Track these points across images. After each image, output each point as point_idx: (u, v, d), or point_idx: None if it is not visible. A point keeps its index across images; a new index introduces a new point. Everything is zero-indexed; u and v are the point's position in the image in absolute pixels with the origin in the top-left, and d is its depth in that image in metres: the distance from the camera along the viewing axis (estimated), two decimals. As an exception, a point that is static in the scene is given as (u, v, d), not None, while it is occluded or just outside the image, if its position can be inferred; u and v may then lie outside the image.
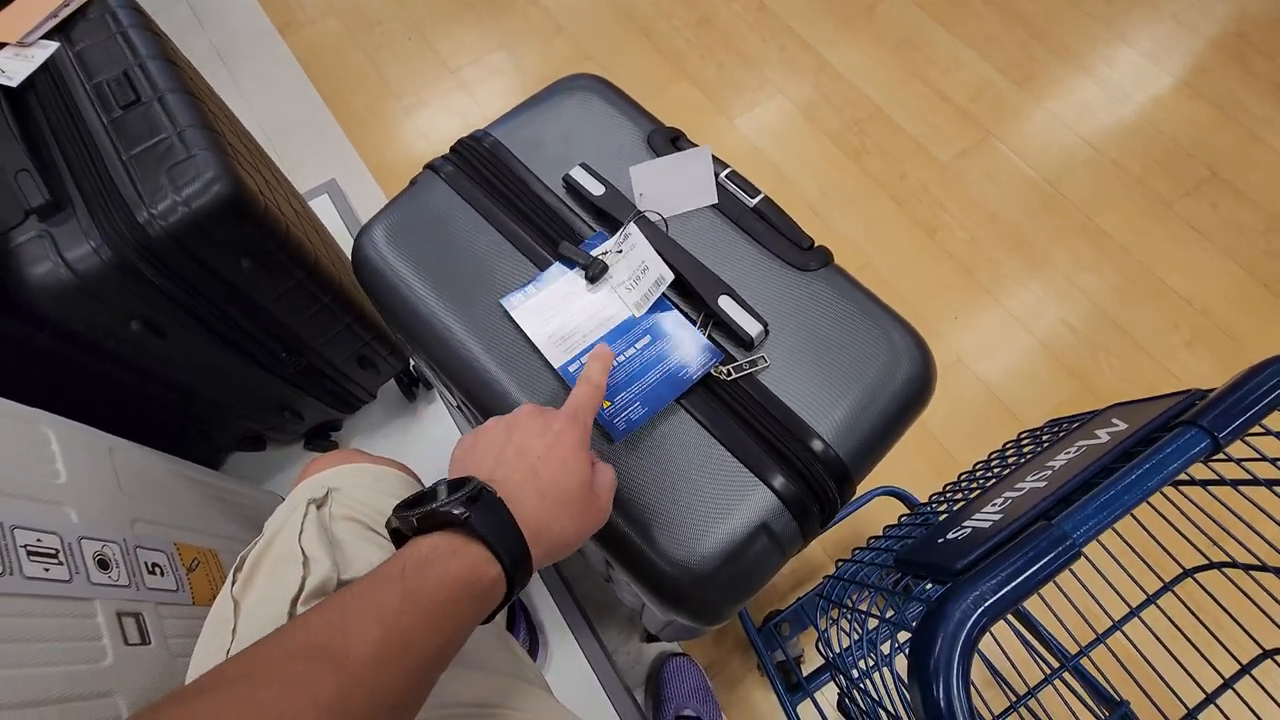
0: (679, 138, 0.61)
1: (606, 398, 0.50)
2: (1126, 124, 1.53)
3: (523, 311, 0.53)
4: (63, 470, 0.57)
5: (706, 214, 0.58)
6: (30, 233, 0.60)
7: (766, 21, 1.69)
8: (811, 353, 0.53)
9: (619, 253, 0.54)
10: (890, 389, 0.52)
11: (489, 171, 0.59)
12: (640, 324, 0.53)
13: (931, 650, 0.36)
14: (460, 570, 0.34)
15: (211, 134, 0.66)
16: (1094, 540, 0.36)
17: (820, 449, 0.50)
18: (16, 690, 0.42)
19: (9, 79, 0.65)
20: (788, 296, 0.54)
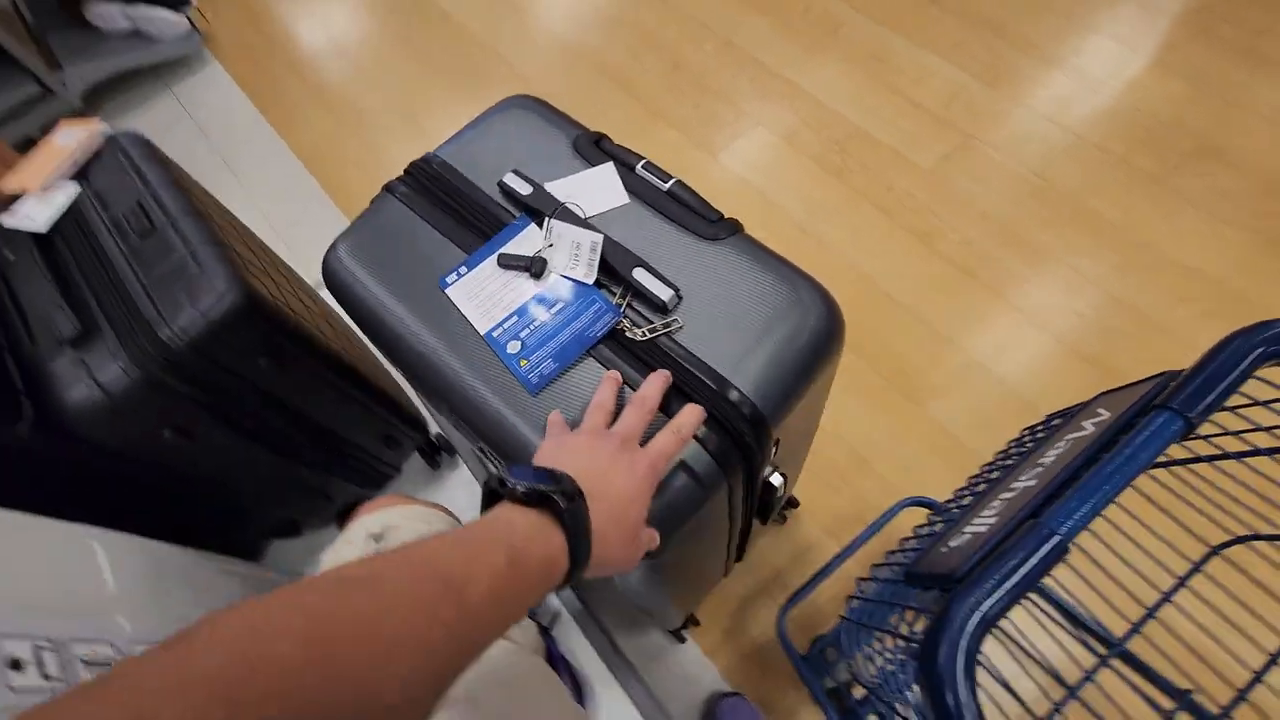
0: (601, 139, 0.68)
1: (523, 356, 0.56)
2: (1103, 108, 1.54)
3: (458, 289, 0.60)
4: (110, 580, 0.61)
5: (630, 204, 0.64)
6: (66, 362, 0.65)
7: (734, 56, 1.75)
8: (723, 312, 0.57)
9: (550, 246, 0.60)
10: (799, 341, 0.56)
11: (435, 187, 0.66)
12: (556, 293, 0.59)
13: (936, 659, 0.37)
14: (546, 554, 0.38)
15: (220, 248, 0.71)
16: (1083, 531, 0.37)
17: (736, 398, 0.54)
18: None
19: (36, 225, 0.71)
20: (699, 264, 0.59)
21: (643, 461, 0.46)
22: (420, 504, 0.66)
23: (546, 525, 0.39)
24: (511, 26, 1.95)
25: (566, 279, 0.59)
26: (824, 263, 1.42)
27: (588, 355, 0.57)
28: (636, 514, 0.45)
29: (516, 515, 0.39)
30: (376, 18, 2.06)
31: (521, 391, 0.56)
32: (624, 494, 0.44)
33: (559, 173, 0.66)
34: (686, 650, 1.15)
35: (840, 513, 1.22)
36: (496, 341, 0.57)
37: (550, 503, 0.39)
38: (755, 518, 0.83)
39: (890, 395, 1.30)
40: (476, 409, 0.57)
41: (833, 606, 1.15)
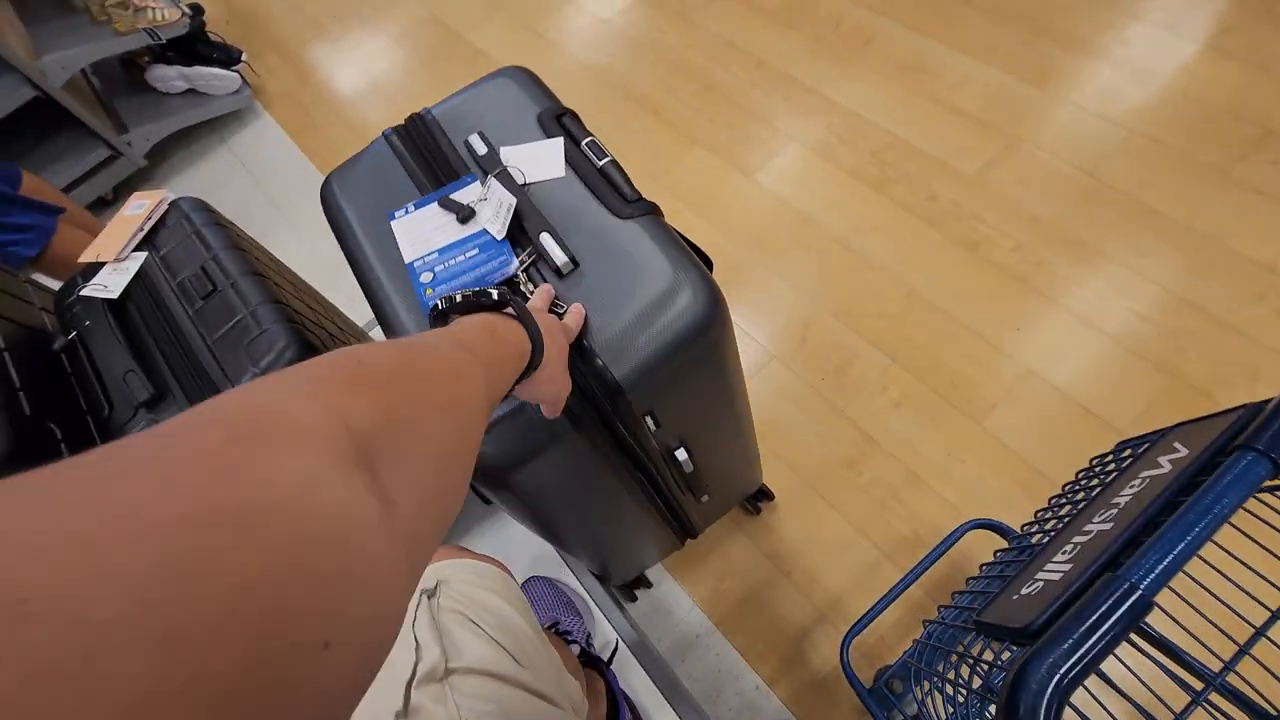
0: (564, 115, 0.73)
1: (430, 286, 0.63)
2: (1156, 99, 1.48)
3: (400, 224, 0.68)
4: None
5: (567, 176, 0.69)
6: (141, 424, 0.68)
7: (766, 76, 1.75)
8: (610, 284, 0.61)
9: (483, 200, 0.66)
10: (670, 320, 0.59)
11: (418, 138, 0.74)
12: (475, 241, 0.64)
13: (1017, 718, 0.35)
14: (510, 330, 0.44)
15: (278, 306, 0.74)
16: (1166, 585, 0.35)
17: (600, 366, 0.58)
18: None
19: (110, 293, 0.75)
20: (603, 237, 0.64)
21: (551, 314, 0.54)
22: (474, 557, 0.67)
23: (501, 317, 0.45)
24: (541, 58, 1.99)
25: (485, 232, 0.64)
26: (869, 278, 1.40)
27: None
28: (558, 335, 0.51)
29: (473, 315, 0.44)
30: (413, 60, 2.13)
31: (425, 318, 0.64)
32: (547, 321, 0.49)
33: (518, 139, 0.72)
34: (745, 680, 1.13)
35: (896, 534, 1.19)
36: (414, 270, 0.65)
37: (496, 302, 0.46)
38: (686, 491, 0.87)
39: (944, 411, 1.26)
40: (391, 326, 0.65)
41: (896, 634, 1.12)
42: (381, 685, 0.50)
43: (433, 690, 0.51)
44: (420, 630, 0.55)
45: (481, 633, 0.57)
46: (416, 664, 0.51)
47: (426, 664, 0.51)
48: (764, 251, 1.48)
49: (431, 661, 0.52)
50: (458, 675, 0.53)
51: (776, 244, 1.48)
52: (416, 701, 0.50)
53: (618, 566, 1.06)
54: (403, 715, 0.49)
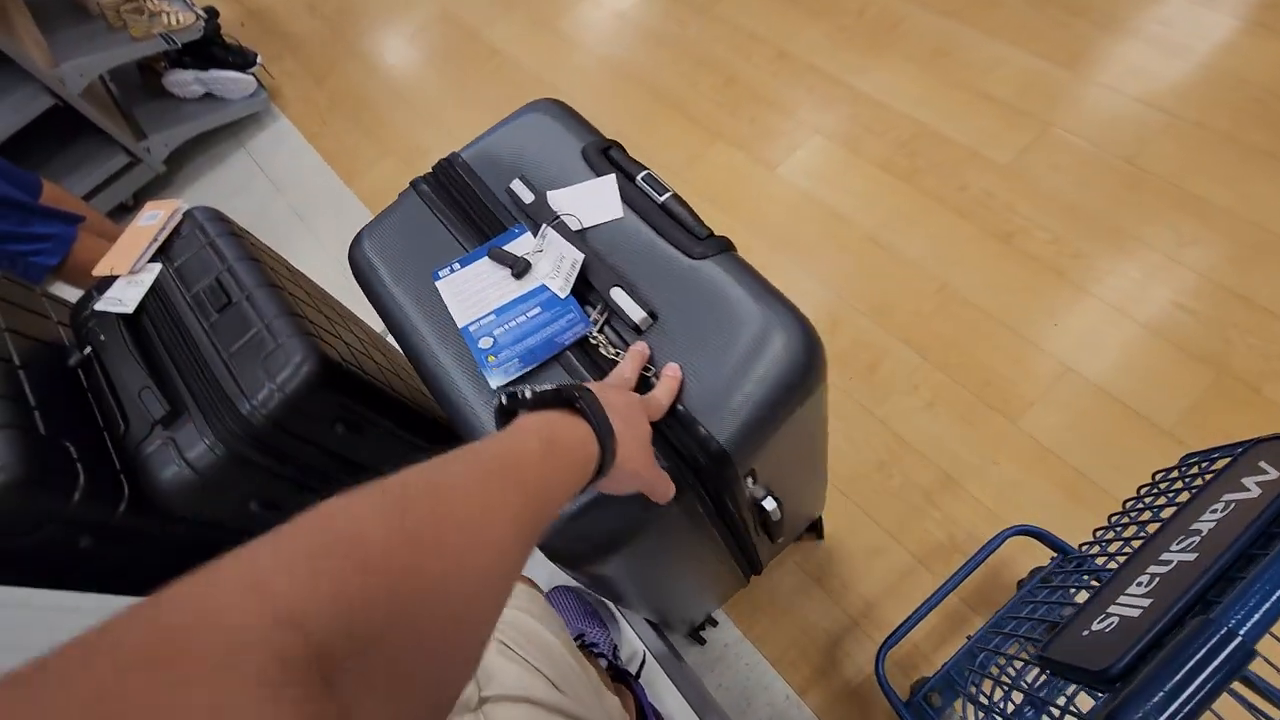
0: (611, 148, 0.67)
1: (491, 352, 0.57)
2: (1199, 80, 1.41)
3: (447, 284, 0.62)
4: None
5: (626, 216, 0.63)
6: (157, 442, 0.66)
7: (789, 67, 1.70)
8: (696, 338, 0.56)
9: (539, 251, 0.61)
10: (772, 374, 0.54)
11: (452, 186, 0.69)
12: (535, 298, 0.59)
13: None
14: (575, 436, 0.40)
15: (294, 319, 0.72)
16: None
17: (704, 434, 0.52)
18: None
19: (125, 307, 0.74)
20: (679, 283, 0.58)
21: (633, 394, 0.49)
22: None
23: (566, 416, 0.41)
24: (560, 56, 1.96)
25: (545, 287, 0.59)
26: (899, 274, 1.36)
27: (555, 362, 0.57)
28: (643, 429, 0.47)
29: (536, 416, 0.41)
30: (430, 59, 2.11)
31: (487, 389, 0.57)
32: (625, 407, 0.46)
33: (565, 180, 0.66)
34: (776, 689, 1.10)
35: (931, 540, 1.15)
36: (470, 335, 0.59)
37: (563, 399, 0.42)
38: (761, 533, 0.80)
39: (979, 410, 1.22)
40: (453, 402, 0.59)
41: (931, 644, 1.08)
42: None
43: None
44: None
45: (516, 656, 0.55)
46: None
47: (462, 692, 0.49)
48: (789, 247, 1.44)
49: (467, 690, 0.49)
50: (491, 704, 0.51)
51: (802, 239, 1.44)
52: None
53: (682, 616, 1.00)
54: None
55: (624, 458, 0.43)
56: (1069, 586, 0.53)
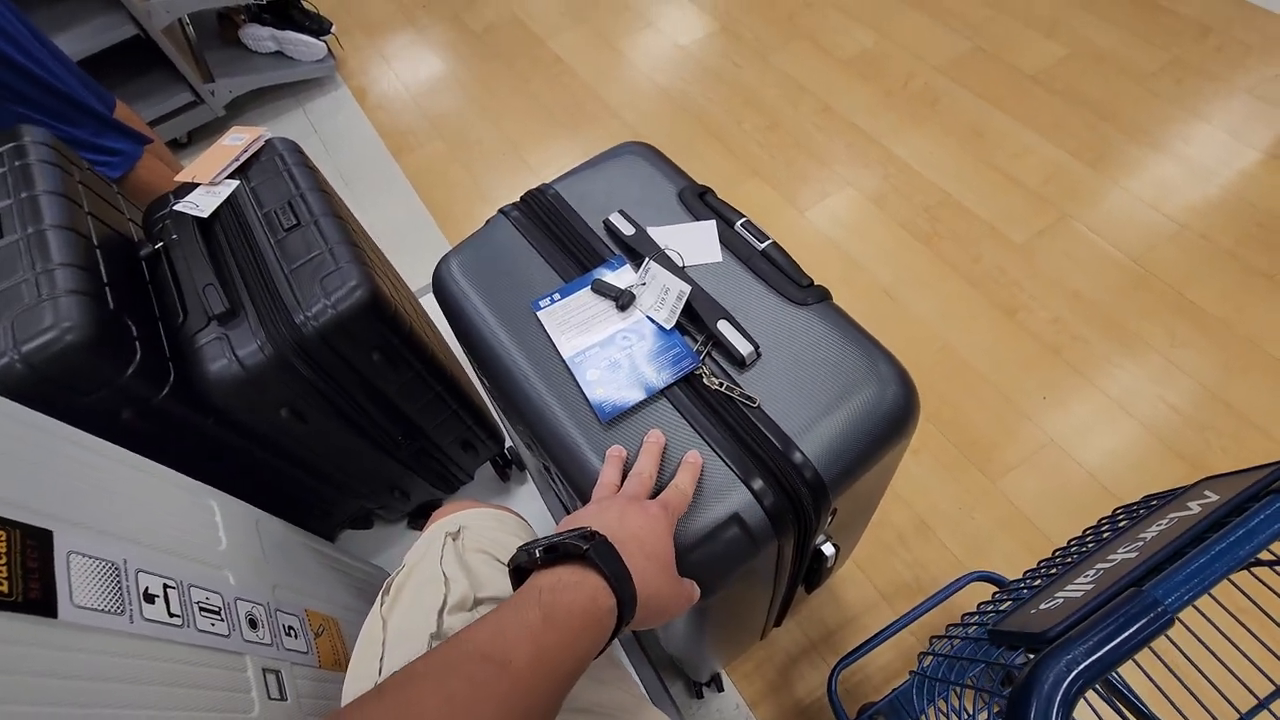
0: (706, 193, 0.70)
1: (600, 385, 0.58)
2: (1212, 199, 1.51)
3: (548, 314, 0.63)
4: (224, 538, 0.66)
5: (725, 261, 0.66)
6: (211, 335, 0.72)
7: (831, 121, 1.80)
8: (799, 375, 0.58)
9: (643, 285, 0.63)
10: (871, 416, 0.56)
11: (545, 216, 0.70)
12: (639, 331, 0.61)
13: (1026, 716, 0.37)
14: (584, 598, 0.38)
15: (354, 249, 0.77)
16: (1189, 607, 0.37)
17: (800, 461, 0.54)
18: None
19: (201, 211, 0.80)
20: (783, 326, 0.61)
21: (652, 506, 0.47)
22: (491, 506, 0.70)
23: (576, 572, 0.39)
24: (619, 76, 2.06)
25: (650, 320, 0.61)
26: (906, 328, 1.42)
27: (661, 395, 0.58)
28: (665, 549, 0.46)
29: (543, 575, 0.39)
30: (493, 58, 2.21)
31: (593, 419, 0.58)
32: (644, 530, 0.45)
33: (662, 220, 0.69)
34: (727, 697, 1.13)
35: (898, 578, 1.19)
36: (577, 366, 0.60)
37: (572, 551, 0.40)
38: (801, 584, 0.83)
39: (962, 466, 1.27)
40: (550, 429, 0.59)
41: (882, 677, 1.12)
42: (415, 614, 0.53)
43: (463, 617, 0.53)
44: (448, 566, 0.57)
45: (505, 567, 0.59)
46: (446, 595, 0.54)
47: (456, 595, 0.54)
48: (805, 285, 1.51)
49: (460, 592, 0.54)
50: (485, 605, 0.55)
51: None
52: (448, 625, 0.52)
53: (704, 666, 0.98)
54: (436, 636, 0.51)
55: (648, 595, 0.42)
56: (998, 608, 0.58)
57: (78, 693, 0.42)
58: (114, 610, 0.48)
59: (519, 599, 0.38)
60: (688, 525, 0.53)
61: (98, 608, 0.47)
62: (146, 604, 0.51)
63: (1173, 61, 1.73)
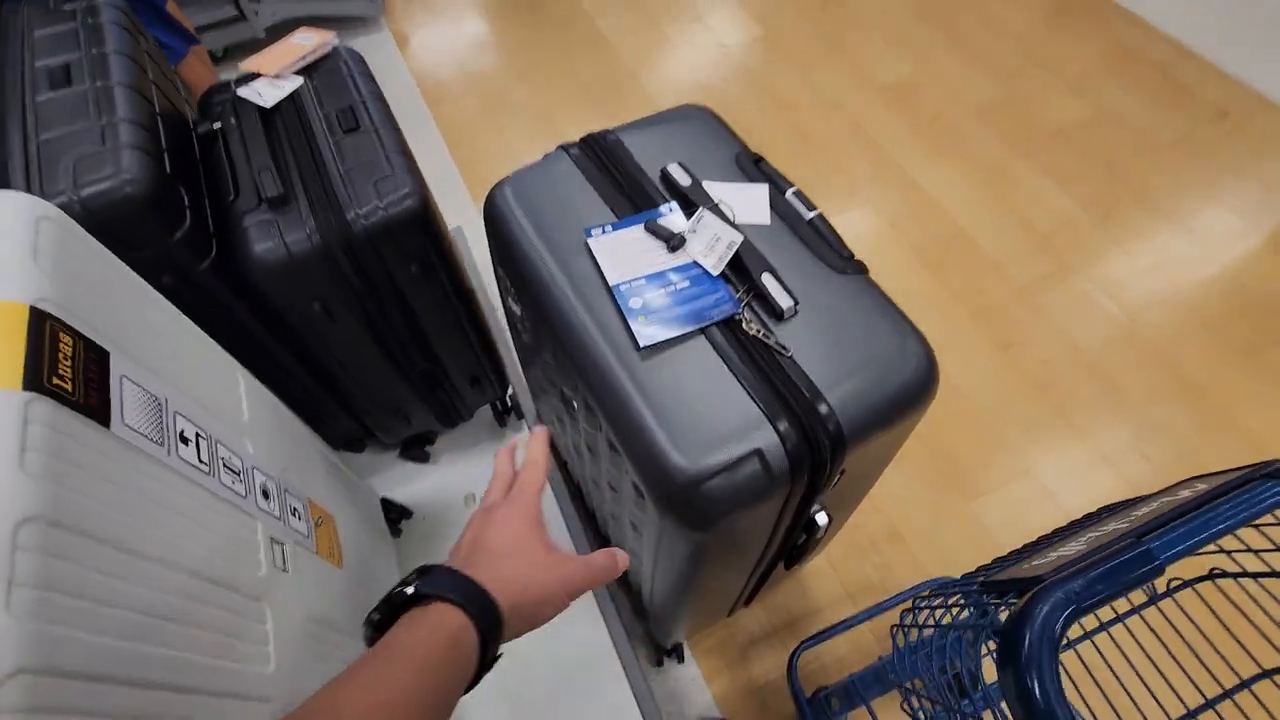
0: (760, 160, 0.74)
1: (641, 312, 0.61)
2: (1208, 273, 1.58)
3: (599, 242, 0.66)
4: (245, 410, 0.67)
5: (774, 224, 0.69)
6: (261, 216, 0.73)
7: (860, 141, 1.85)
8: (832, 334, 0.61)
9: (694, 232, 0.66)
10: (894, 383, 0.60)
11: (604, 156, 0.73)
12: (685, 274, 0.63)
13: (1021, 644, 0.40)
14: (427, 630, 0.36)
15: (410, 160, 0.79)
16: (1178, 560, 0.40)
17: (825, 412, 0.57)
18: (196, 562, 0.49)
19: (264, 101, 0.81)
20: (822, 288, 0.64)
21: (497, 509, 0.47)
22: None
23: (413, 613, 0.37)
24: (660, 64, 2.09)
25: (697, 265, 0.64)
26: (903, 343, 1.47)
27: (700, 334, 0.61)
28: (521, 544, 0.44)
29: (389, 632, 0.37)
30: (539, 25, 2.23)
31: (630, 345, 0.60)
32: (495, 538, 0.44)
33: (717, 178, 0.72)
34: (685, 669, 1.16)
35: (865, 579, 1.23)
36: (622, 294, 0.62)
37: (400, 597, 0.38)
38: (782, 560, 0.86)
39: (939, 484, 1.32)
40: (586, 351, 0.61)
41: (837, 666, 1.15)
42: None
43: None
44: None
45: None
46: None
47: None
48: (814, 291, 1.55)
49: None
50: None
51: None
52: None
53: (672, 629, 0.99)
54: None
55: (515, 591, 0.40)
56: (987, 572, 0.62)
57: (121, 501, 0.43)
58: (155, 440, 0.49)
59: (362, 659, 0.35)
60: (712, 455, 0.56)
61: (143, 432, 0.48)
62: (181, 445, 0.52)
63: (1187, 137, 1.81)
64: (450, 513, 1.15)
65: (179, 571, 0.47)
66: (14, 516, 0.36)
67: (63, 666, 0.36)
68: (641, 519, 0.69)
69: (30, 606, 0.35)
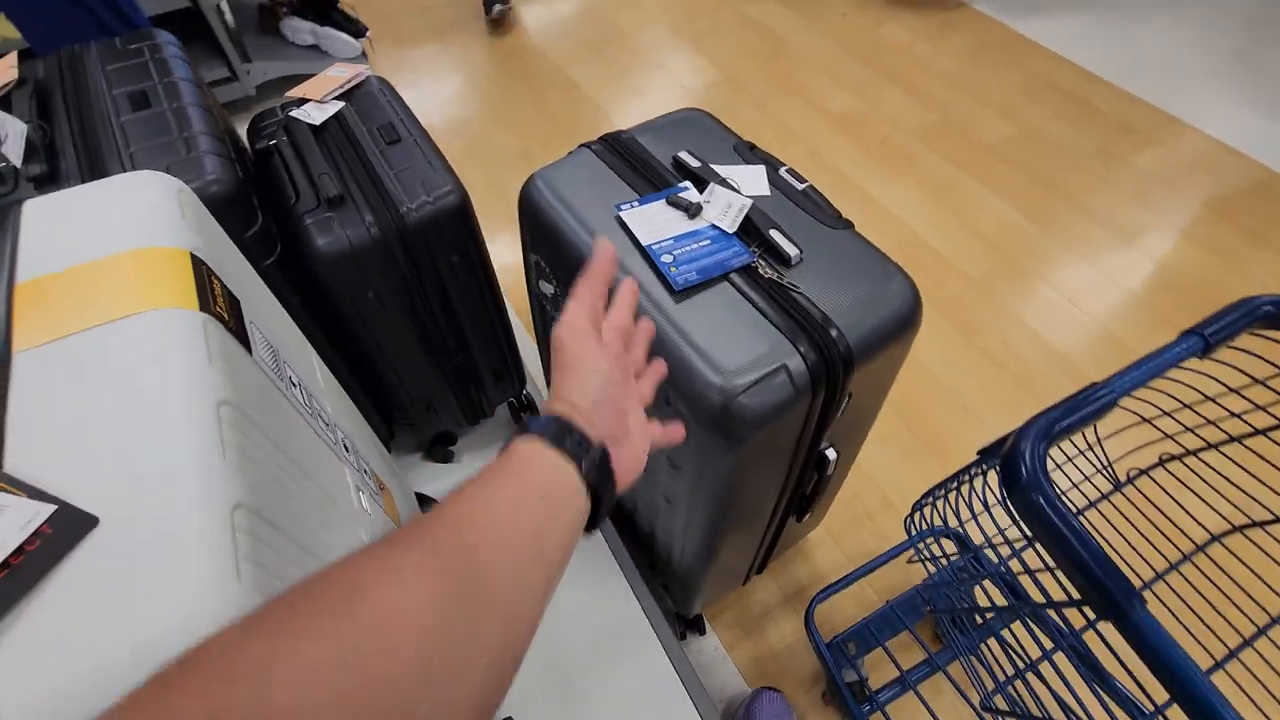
0: (755, 147, 0.88)
1: (673, 264, 0.71)
2: (1133, 259, 1.77)
3: (629, 214, 0.77)
4: (320, 379, 0.75)
5: (774, 196, 0.82)
6: (322, 215, 0.82)
7: (818, 164, 2.03)
8: (834, 275, 0.73)
9: (708, 202, 0.78)
10: (888, 310, 0.72)
11: (623, 151, 0.86)
12: (705, 234, 0.75)
13: (1019, 467, 0.50)
14: (542, 472, 0.35)
15: (447, 164, 0.90)
16: (1128, 396, 0.52)
17: (835, 336, 0.69)
18: (321, 478, 0.57)
19: (313, 120, 0.91)
20: (820, 239, 0.76)
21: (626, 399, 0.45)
22: None
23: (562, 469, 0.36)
24: (628, 104, 2.27)
25: (715, 227, 0.76)
26: (876, 335, 1.61)
27: (724, 280, 0.73)
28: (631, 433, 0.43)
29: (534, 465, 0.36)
30: (513, 75, 2.39)
31: (665, 291, 0.72)
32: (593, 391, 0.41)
33: (720, 161, 0.85)
34: (707, 640, 1.22)
35: (863, 546, 1.32)
36: (654, 251, 0.73)
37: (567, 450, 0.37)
38: (793, 514, 0.96)
39: (922, 454, 1.44)
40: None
41: (844, 618, 1.23)
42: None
43: None
44: None
45: None
46: None
47: None
48: (791, 295, 1.69)
49: None
50: None
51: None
52: None
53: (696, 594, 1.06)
54: None
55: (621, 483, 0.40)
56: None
57: (267, 408, 0.51)
58: (277, 376, 0.57)
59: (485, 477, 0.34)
60: (745, 375, 0.66)
61: (270, 367, 0.56)
62: (291, 386, 0.60)
63: (1102, 149, 2.04)
64: (475, 507, 1.21)
65: (311, 480, 0.55)
66: (214, 398, 0.44)
67: (257, 506, 0.43)
68: (681, 455, 0.78)
69: (236, 460, 0.42)
